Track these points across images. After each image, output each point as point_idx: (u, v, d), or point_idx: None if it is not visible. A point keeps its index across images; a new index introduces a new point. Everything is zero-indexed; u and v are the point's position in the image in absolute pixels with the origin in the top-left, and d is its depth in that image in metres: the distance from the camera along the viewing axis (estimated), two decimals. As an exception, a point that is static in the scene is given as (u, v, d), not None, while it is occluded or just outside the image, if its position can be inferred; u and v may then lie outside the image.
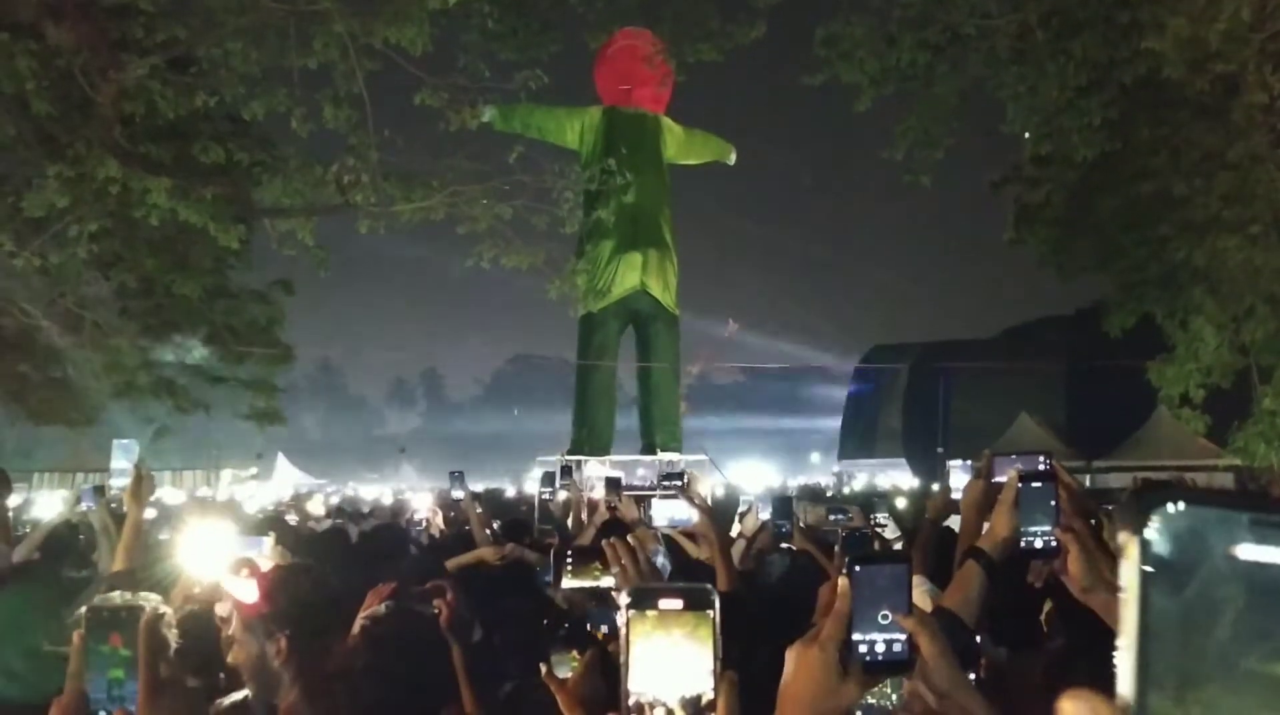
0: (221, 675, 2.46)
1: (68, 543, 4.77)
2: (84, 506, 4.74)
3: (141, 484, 2.88)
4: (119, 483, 3.01)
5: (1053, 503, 1.75)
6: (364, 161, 9.13)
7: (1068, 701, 0.64)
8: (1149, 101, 11.01)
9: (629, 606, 0.97)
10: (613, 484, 5.45)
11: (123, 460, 3.28)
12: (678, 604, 0.97)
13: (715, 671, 0.97)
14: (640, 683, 0.96)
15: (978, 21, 8.14)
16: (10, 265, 9.41)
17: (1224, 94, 10.92)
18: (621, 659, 0.97)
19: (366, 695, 1.92)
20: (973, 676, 1.91)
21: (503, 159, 9.94)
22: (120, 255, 11.61)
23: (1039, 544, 1.74)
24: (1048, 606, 2.44)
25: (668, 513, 2.67)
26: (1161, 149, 12.41)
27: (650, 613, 0.97)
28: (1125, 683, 0.50)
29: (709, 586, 1.00)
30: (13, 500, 4.52)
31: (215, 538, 2.53)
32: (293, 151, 9.80)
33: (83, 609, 1.32)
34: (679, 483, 4.27)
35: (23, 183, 8.70)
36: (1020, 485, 1.76)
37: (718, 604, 0.98)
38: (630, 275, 16.97)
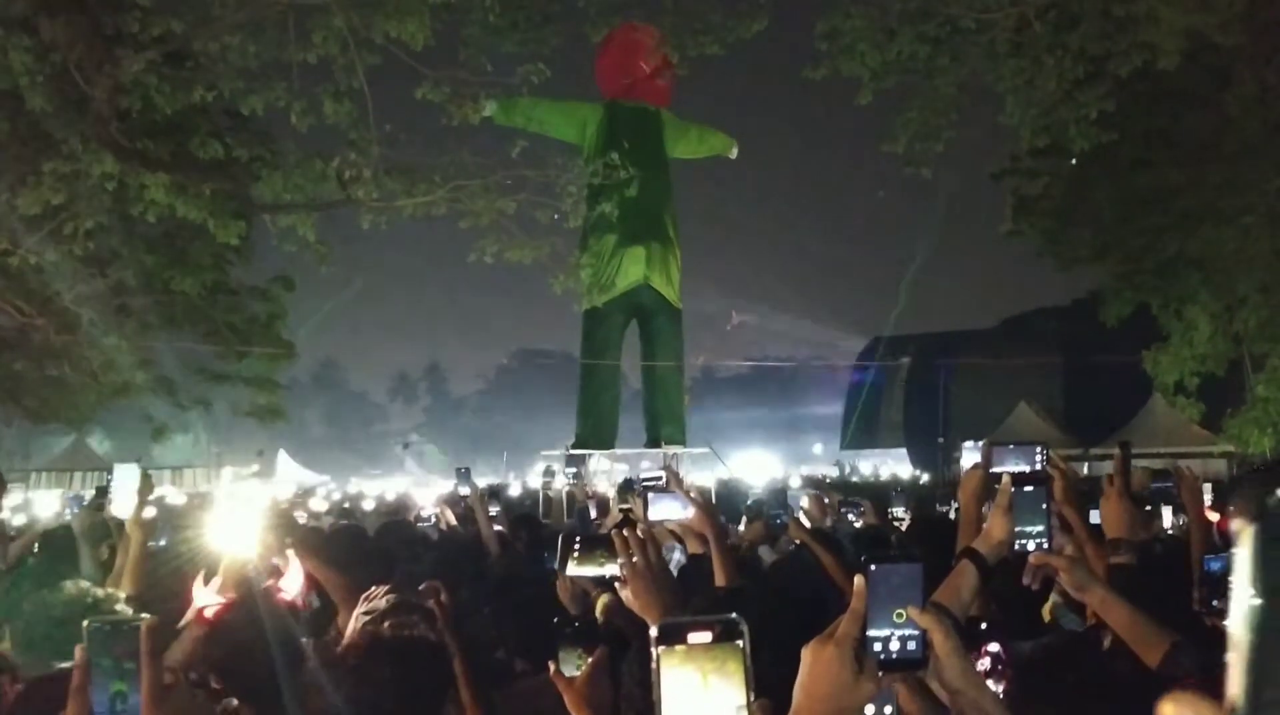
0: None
1: (63, 546, 4.75)
2: (69, 513, 4.71)
3: (144, 504, 2.87)
4: (121, 512, 2.94)
5: (1044, 506, 1.78)
6: (365, 156, 9.08)
7: (1168, 704, 0.62)
8: (1145, 94, 11.03)
9: (658, 642, 0.97)
10: (626, 486, 5.32)
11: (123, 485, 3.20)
12: (706, 636, 0.97)
13: (748, 705, 0.96)
14: None
15: (977, 15, 8.15)
16: (5, 263, 9.38)
17: (1218, 86, 10.96)
18: (653, 695, 0.96)
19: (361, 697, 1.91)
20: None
21: (505, 153, 9.90)
22: (117, 252, 11.57)
23: (1032, 546, 1.76)
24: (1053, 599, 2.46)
25: (663, 511, 2.66)
26: (1157, 141, 12.45)
27: (679, 647, 0.97)
28: (1237, 680, 0.48)
29: (736, 617, 0.99)
30: (9, 500, 4.52)
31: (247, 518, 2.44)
32: (292, 146, 9.74)
33: (85, 623, 1.33)
34: (659, 485, 4.21)
35: (17, 179, 8.65)
36: (1012, 489, 1.79)
37: (747, 634, 0.98)
38: (634, 269, 16.95)
